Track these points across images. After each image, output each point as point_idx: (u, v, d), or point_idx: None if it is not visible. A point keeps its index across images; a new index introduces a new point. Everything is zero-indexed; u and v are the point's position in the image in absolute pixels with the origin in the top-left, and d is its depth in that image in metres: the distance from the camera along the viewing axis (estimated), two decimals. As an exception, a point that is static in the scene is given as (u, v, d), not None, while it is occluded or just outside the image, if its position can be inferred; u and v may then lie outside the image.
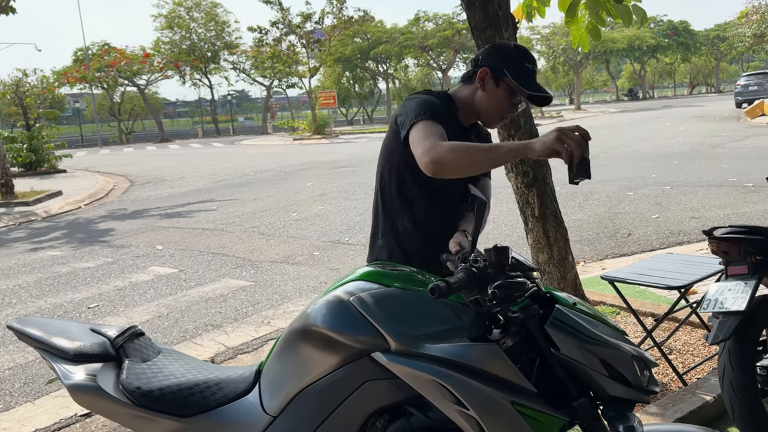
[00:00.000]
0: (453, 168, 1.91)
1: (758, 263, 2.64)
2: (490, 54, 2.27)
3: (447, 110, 2.20)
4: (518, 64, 2.19)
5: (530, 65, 2.22)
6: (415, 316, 1.59)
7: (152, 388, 1.75)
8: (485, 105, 2.24)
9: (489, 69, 2.19)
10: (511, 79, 2.16)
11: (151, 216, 10.63)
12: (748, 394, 2.57)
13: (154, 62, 40.15)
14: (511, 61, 2.20)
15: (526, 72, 2.19)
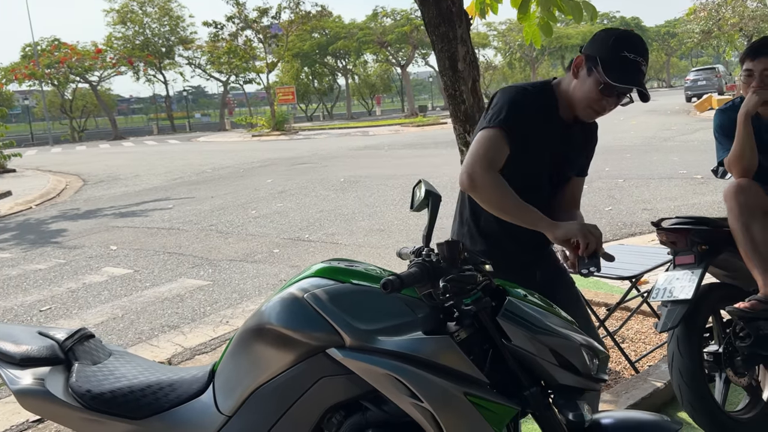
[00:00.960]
0: (481, 201, 2.09)
1: (704, 252, 2.73)
2: (591, 40, 2.12)
3: (540, 106, 2.11)
4: (614, 52, 2.00)
5: (630, 54, 2.00)
6: (369, 311, 1.59)
7: (103, 391, 1.71)
8: (577, 96, 2.08)
9: (584, 56, 2.06)
10: (600, 67, 2.00)
11: (105, 215, 10.40)
12: (695, 379, 2.65)
13: (107, 58, 39.22)
14: (606, 47, 2.03)
15: (621, 61, 1.99)
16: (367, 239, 7.30)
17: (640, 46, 2.04)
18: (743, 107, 2.69)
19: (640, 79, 2.02)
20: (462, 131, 3.68)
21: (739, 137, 2.69)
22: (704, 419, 2.71)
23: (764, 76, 2.65)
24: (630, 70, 2.00)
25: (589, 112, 2.09)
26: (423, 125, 29.58)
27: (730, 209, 2.69)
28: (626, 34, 2.08)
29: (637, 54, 2.01)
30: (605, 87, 2.00)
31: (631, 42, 2.03)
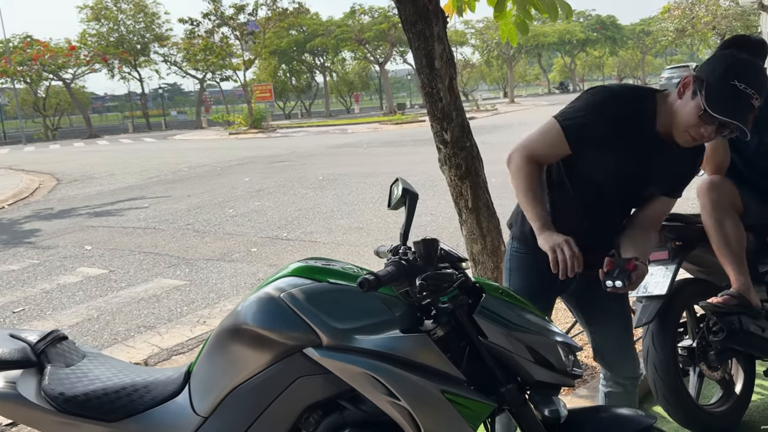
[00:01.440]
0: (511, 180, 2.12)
1: (678, 249, 2.77)
2: (706, 61, 1.97)
3: (631, 115, 1.99)
4: (724, 79, 1.83)
5: (741, 84, 1.80)
6: (346, 310, 1.59)
7: (76, 394, 1.69)
8: (677, 117, 1.93)
9: (693, 77, 1.90)
10: (704, 92, 1.84)
11: (79, 215, 10.25)
12: (669, 374, 2.69)
13: (81, 55, 38.60)
14: (717, 72, 1.86)
15: (728, 90, 1.82)
16: (345, 237, 7.29)
17: (757, 77, 1.85)
18: None
19: (744, 114, 1.83)
20: (439, 129, 3.69)
21: None
22: (678, 413, 2.76)
23: None
24: (735, 102, 1.82)
25: (686, 137, 1.93)
26: (402, 123, 29.59)
27: (703, 206, 2.73)
28: (744, 62, 1.89)
29: (749, 86, 1.81)
30: (704, 114, 1.84)
31: (745, 71, 1.84)
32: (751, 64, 1.89)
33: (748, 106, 1.82)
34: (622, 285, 1.84)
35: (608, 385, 2.35)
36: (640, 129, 2.00)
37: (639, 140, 2.00)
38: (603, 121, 1.98)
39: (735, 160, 2.81)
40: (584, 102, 2.04)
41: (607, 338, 2.26)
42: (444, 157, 3.75)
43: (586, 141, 2.01)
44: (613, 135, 1.98)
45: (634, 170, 2.05)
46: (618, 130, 1.98)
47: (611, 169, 2.05)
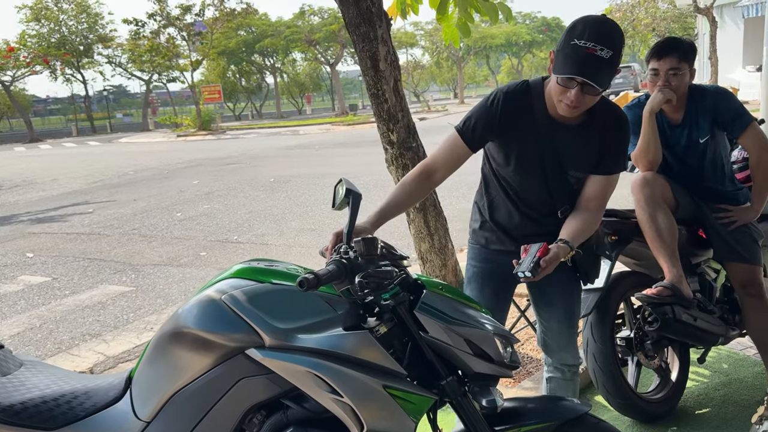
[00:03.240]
0: None
1: (614, 243, 2.87)
2: None
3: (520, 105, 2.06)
4: (567, 41, 1.88)
5: (580, 41, 1.83)
6: (289, 310, 1.60)
7: (13, 402, 1.65)
8: (550, 92, 2.00)
9: (553, 51, 1.97)
10: (552, 61, 1.93)
11: (21, 222, 9.91)
12: (608, 363, 2.79)
13: (20, 57, 37.21)
14: (563, 38, 1.91)
15: (569, 49, 1.86)
16: (297, 239, 7.26)
17: (597, 31, 1.84)
18: (648, 104, 2.82)
19: (583, 67, 1.83)
20: (385, 130, 3.73)
21: (644, 133, 2.83)
22: (618, 401, 2.86)
23: (669, 75, 2.78)
24: (575, 59, 1.84)
25: (562, 107, 1.97)
26: (354, 124, 29.60)
27: (637, 201, 2.83)
28: (585, 20, 1.90)
29: (588, 40, 1.82)
30: (558, 80, 1.90)
31: (585, 28, 1.85)
32: (592, 21, 1.89)
33: (590, 58, 1.83)
34: (531, 275, 1.86)
35: (549, 371, 2.44)
36: (533, 116, 2.07)
37: (535, 126, 2.07)
38: (494, 116, 2.08)
39: (667, 157, 2.93)
40: (478, 104, 2.16)
41: (550, 329, 2.34)
42: (391, 158, 3.79)
43: (484, 137, 2.13)
44: (508, 126, 2.08)
45: (539, 156, 2.10)
46: (511, 121, 2.07)
47: (517, 158, 2.13)
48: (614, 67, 1.88)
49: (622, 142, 2.15)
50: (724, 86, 3.13)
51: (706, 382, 3.29)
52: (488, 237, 2.32)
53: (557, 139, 2.08)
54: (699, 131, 2.87)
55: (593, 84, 1.86)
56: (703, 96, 2.86)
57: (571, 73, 1.85)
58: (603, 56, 1.83)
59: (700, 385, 3.27)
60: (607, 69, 1.86)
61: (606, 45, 1.83)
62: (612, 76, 1.89)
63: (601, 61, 1.83)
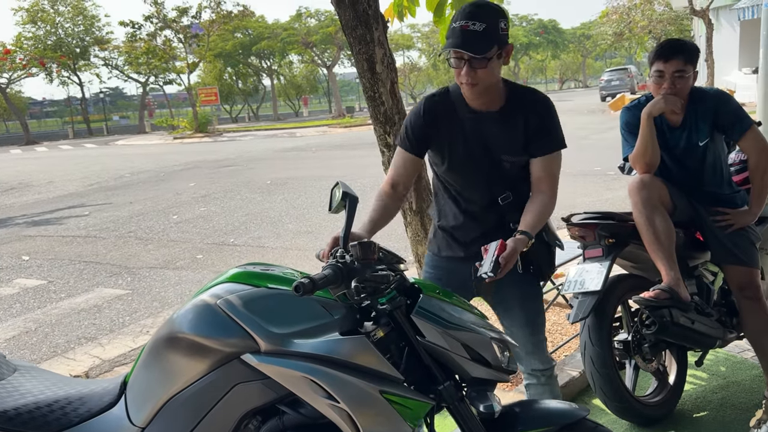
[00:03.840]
0: None
1: (611, 245, 2.87)
2: None
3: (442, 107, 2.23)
4: (450, 27, 2.08)
5: (457, 22, 2.05)
6: (285, 314, 1.59)
7: (6, 408, 1.63)
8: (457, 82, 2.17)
9: None
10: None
11: (16, 224, 9.88)
12: (606, 366, 2.78)
13: (16, 59, 37.15)
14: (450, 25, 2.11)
15: (450, 32, 2.07)
16: (294, 242, 7.24)
17: (469, 10, 2.05)
18: (648, 108, 2.81)
19: (459, 41, 2.02)
20: (382, 132, 3.72)
21: (642, 135, 2.82)
22: (615, 404, 2.85)
23: (674, 78, 2.76)
24: (452, 37, 2.05)
25: (464, 90, 2.15)
26: (350, 126, 29.60)
27: (634, 204, 2.83)
28: (462, 7, 2.10)
29: (461, 18, 2.04)
30: (450, 62, 2.11)
31: (461, 12, 2.07)
32: (466, 5, 2.08)
33: (464, 33, 2.02)
34: (494, 274, 1.87)
35: (525, 378, 2.45)
36: (456, 113, 2.21)
37: (460, 122, 2.21)
38: (422, 121, 2.23)
39: (665, 159, 2.93)
40: (408, 114, 2.31)
41: (513, 336, 2.33)
42: (387, 160, 3.78)
43: (422, 141, 2.26)
44: (436, 127, 2.22)
45: (469, 148, 2.22)
46: (438, 122, 2.22)
47: (451, 155, 2.25)
48: (492, 37, 2.03)
49: (548, 122, 2.23)
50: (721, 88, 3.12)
51: (704, 385, 3.29)
52: (440, 244, 2.41)
53: (483, 128, 2.21)
54: (698, 134, 2.86)
55: (472, 54, 2.02)
56: (703, 99, 2.85)
57: (448, 48, 2.06)
58: (477, 29, 2.02)
59: (697, 388, 3.27)
60: (483, 39, 2.02)
61: (477, 20, 2.02)
62: (491, 44, 2.03)
63: (474, 33, 2.02)
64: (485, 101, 2.18)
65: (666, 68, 2.77)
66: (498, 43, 2.04)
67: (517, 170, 2.24)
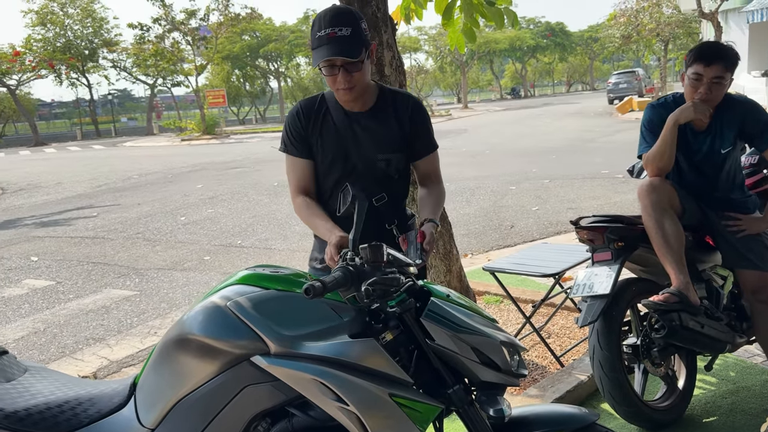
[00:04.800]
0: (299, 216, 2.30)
1: (620, 249, 2.85)
2: None
3: (315, 113, 2.27)
4: (313, 37, 2.10)
5: (321, 31, 2.06)
6: (294, 317, 1.59)
7: (17, 409, 1.64)
8: (330, 88, 2.21)
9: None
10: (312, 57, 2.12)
11: (25, 225, 9.93)
12: (615, 371, 2.77)
13: (26, 61, 37.36)
14: (311, 37, 2.12)
15: (318, 42, 2.07)
16: (301, 244, 7.25)
17: (330, 16, 2.07)
18: (676, 114, 2.73)
19: (333, 49, 2.04)
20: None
21: (663, 139, 2.77)
22: (624, 409, 2.83)
23: (712, 84, 2.69)
24: (321, 47, 2.06)
25: (341, 95, 2.19)
26: (356, 128, 29.56)
27: (644, 207, 2.81)
28: (320, 14, 2.11)
29: (326, 27, 2.05)
30: (323, 71, 2.12)
31: (322, 20, 2.08)
32: (324, 12, 2.10)
33: (333, 40, 2.04)
34: (422, 261, 1.90)
35: None
36: (330, 116, 2.26)
37: (334, 125, 2.25)
38: (298, 122, 2.27)
39: (681, 163, 2.89)
40: (285, 121, 2.34)
41: None
42: (395, 163, 3.78)
43: (303, 143, 2.28)
44: (313, 132, 2.26)
45: (345, 149, 2.25)
46: (313, 127, 2.26)
47: (324, 156, 2.27)
48: (359, 39, 2.07)
49: (428, 124, 2.35)
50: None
51: (714, 390, 3.27)
52: (317, 257, 2.39)
53: (357, 128, 2.25)
54: (722, 141, 2.82)
55: (348, 58, 2.05)
56: (731, 106, 2.81)
57: (323, 57, 2.05)
58: (345, 34, 2.05)
59: (707, 393, 3.25)
60: (353, 43, 2.06)
61: (343, 25, 2.05)
62: (360, 46, 2.07)
63: (344, 38, 2.05)
64: (360, 103, 2.23)
65: (705, 72, 2.69)
66: (365, 45, 2.10)
67: (393, 171, 2.29)
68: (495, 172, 11.49)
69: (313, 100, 2.31)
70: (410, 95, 2.36)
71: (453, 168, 11.81)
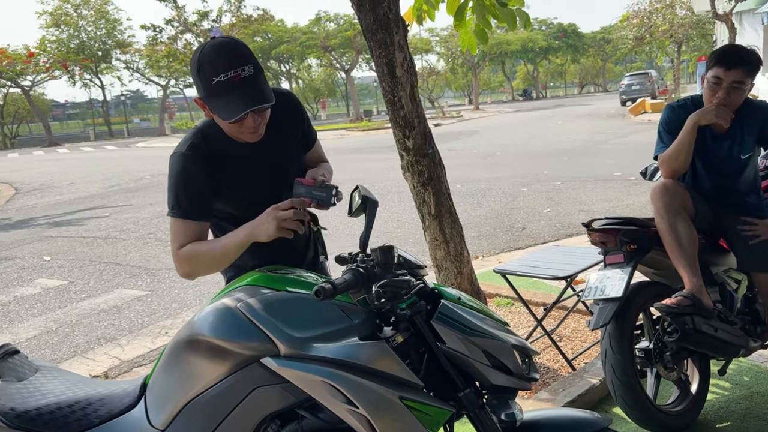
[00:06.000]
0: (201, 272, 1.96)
1: (633, 252, 2.82)
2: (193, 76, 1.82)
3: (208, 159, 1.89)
4: (208, 85, 1.74)
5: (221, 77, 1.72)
6: (305, 318, 1.59)
7: (28, 408, 1.65)
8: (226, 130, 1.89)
9: (199, 99, 1.84)
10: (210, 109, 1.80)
11: (38, 225, 10.01)
12: (627, 375, 2.74)
13: (40, 62, 37.76)
14: (201, 83, 1.76)
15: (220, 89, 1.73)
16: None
17: (225, 57, 1.74)
18: (696, 115, 2.71)
19: (244, 98, 1.73)
20: (401, 136, 3.71)
21: (680, 141, 2.75)
22: (636, 413, 2.81)
23: (732, 89, 2.67)
24: (230, 95, 1.73)
25: (247, 137, 1.88)
26: (368, 130, 29.64)
27: (657, 209, 2.79)
28: (207, 57, 1.75)
29: (224, 70, 1.72)
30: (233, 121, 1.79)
31: (216, 62, 1.73)
32: (213, 53, 1.75)
33: (242, 84, 1.73)
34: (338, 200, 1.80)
35: None
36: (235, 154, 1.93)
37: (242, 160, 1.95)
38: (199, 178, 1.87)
39: (698, 166, 2.87)
40: (175, 180, 1.91)
41: None
42: (407, 164, 3.77)
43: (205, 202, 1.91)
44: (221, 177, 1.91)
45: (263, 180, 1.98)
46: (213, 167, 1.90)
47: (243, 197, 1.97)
48: (262, 74, 1.80)
49: (302, 118, 2.11)
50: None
51: (727, 395, 3.23)
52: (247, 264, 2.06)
53: (266, 156, 1.98)
54: (742, 147, 2.79)
55: (270, 103, 1.79)
56: (751, 111, 2.78)
57: (241, 111, 1.74)
58: (250, 73, 1.75)
59: (720, 397, 3.21)
60: (261, 81, 1.78)
61: (243, 63, 1.75)
62: (266, 80, 1.81)
63: (251, 78, 1.76)
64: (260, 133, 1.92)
65: (726, 76, 2.67)
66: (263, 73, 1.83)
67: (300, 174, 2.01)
68: (506, 174, 11.44)
69: (204, 147, 1.90)
70: (284, 91, 2.07)
71: (464, 169, 11.78)
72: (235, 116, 1.74)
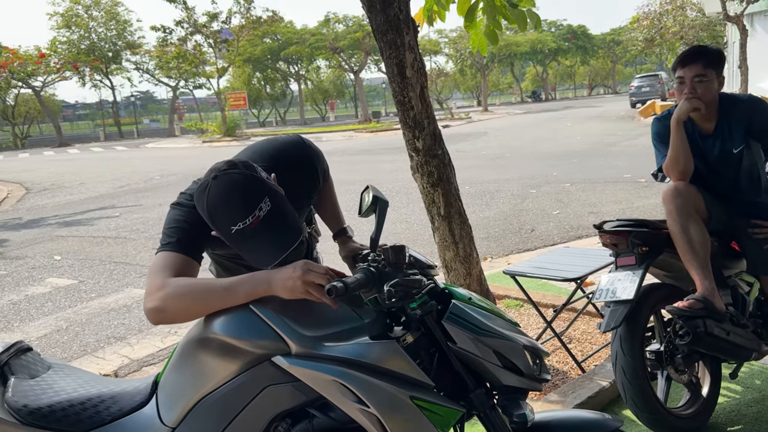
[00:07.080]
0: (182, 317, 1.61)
1: (644, 254, 2.81)
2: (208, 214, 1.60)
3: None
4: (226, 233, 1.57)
5: (238, 224, 1.54)
6: (316, 317, 1.59)
7: (41, 405, 1.66)
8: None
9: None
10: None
11: (49, 225, 10.07)
12: (637, 377, 2.73)
13: (51, 63, 37.99)
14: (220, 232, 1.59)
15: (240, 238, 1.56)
16: (320, 245, 7.23)
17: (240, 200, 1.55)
18: (675, 114, 2.80)
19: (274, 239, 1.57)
20: (411, 137, 3.71)
21: (673, 143, 2.80)
22: (647, 416, 2.79)
23: (694, 83, 2.75)
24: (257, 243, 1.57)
25: None
26: (377, 131, 29.64)
27: (669, 212, 2.78)
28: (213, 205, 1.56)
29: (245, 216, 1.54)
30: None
31: (227, 209, 1.55)
32: (221, 199, 1.56)
33: (266, 224, 1.55)
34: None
35: None
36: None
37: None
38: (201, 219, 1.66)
39: (699, 168, 2.87)
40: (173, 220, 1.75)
41: None
42: (416, 165, 3.77)
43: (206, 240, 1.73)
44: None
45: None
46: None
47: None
48: (279, 194, 1.63)
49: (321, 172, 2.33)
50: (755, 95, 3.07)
51: (738, 398, 3.21)
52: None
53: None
54: (732, 141, 2.81)
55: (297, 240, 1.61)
56: (735, 105, 2.81)
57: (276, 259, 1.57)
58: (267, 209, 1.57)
59: (731, 401, 3.19)
60: (284, 208, 1.60)
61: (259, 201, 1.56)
62: (285, 201, 1.63)
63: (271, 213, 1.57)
64: None
65: (685, 73, 2.78)
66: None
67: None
68: (515, 176, 11.42)
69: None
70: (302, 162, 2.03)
71: (473, 171, 11.77)
72: (272, 264, 1.56)
